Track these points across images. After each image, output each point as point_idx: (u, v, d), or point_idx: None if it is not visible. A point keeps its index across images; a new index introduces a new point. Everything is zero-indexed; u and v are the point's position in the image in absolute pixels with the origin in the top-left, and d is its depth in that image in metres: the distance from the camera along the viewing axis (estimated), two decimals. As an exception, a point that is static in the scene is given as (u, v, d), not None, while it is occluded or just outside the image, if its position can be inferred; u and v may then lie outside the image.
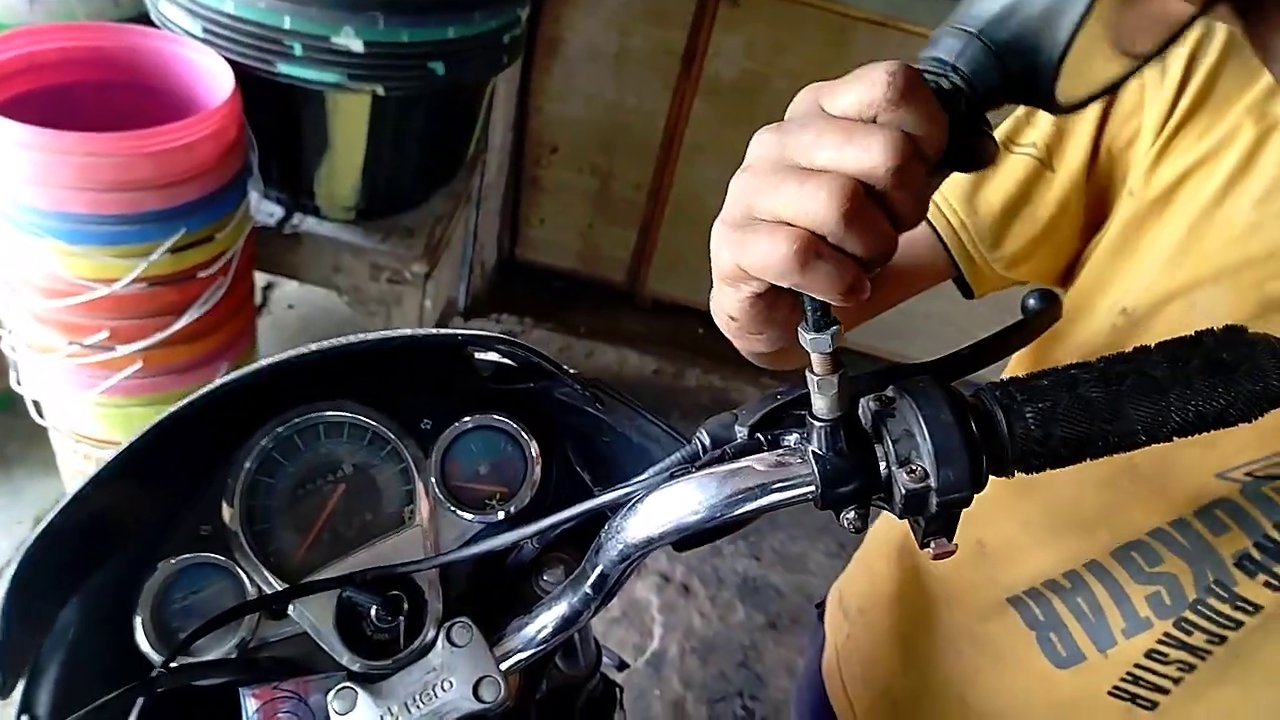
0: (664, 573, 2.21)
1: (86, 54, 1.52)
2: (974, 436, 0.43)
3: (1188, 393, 0.44)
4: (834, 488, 0.44)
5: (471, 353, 0.66)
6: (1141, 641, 0.72)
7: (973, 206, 0.76)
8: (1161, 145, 0.70)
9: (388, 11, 1.47)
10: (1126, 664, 0.73)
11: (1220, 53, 0.69)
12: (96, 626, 0.60)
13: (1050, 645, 0.77)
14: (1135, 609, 0.72)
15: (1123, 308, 0.71)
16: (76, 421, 1.66)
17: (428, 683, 0.56)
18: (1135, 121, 0.72)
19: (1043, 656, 0.77)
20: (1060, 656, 0.76)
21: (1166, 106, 0.70)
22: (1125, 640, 0.72)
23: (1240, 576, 0.66)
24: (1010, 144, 0.76)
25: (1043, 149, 0.74)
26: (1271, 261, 0.65)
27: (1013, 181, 0.75)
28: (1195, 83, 0.69)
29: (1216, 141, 0.68)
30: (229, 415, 0.61)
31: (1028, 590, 0.78)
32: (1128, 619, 0.72)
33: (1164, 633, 0.70)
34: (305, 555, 0.62)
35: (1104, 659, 0.74)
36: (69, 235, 1.33)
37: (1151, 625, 0.71)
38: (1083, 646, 0.75)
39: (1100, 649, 0.74)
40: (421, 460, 0.64)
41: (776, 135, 0.43)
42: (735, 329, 0.51)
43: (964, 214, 0.76)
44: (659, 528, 0.46)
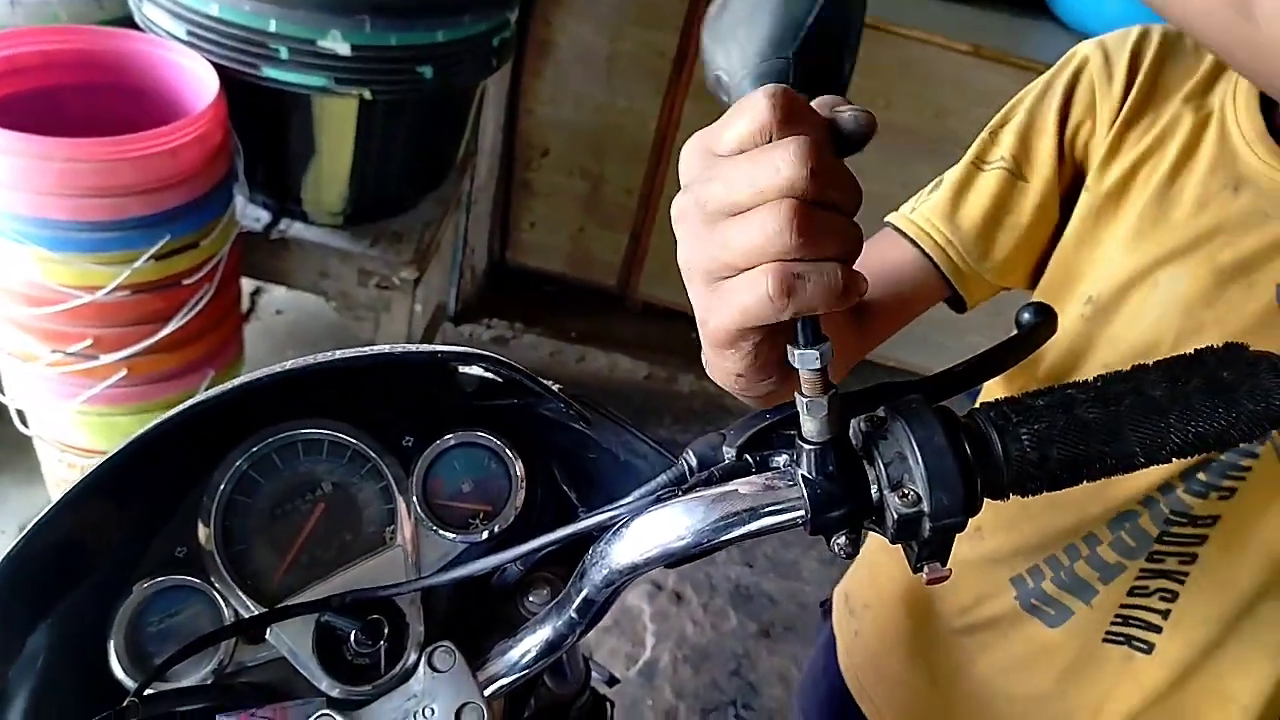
0: (656, 581, 2.20)
1: (69, 57, 1.50)
2: (968, 459, 0.42)
3: (1188, 413, 0.43)
4: (824, 513, 0.43)
5: (454, 368, 0.65)
6: (1120, 583, 0.77)
7: (955, 224, 0.79)
8: (1112, 141, 0.76)
9: (375, 14, 1.46)
10: (1112, 608, 0.78)
11: (1158, 49, 0.76)
12: (68, 652, 0.58)
13: (1040, 611, 0.82)
14: (1104, 560, 0.77)
15: (1089, 297, 0.76)
16: (61, 430, 1.64)
17: (409, 710, 0.55)
18: (1090, 121, 0.77)
19: (1037, 622, 0.82)
20: (1050, 616, 0.81)
21: (1116, 104, 0.76)
22: (1104, 587, 0.78)
23: (1193, 500, 0.72)
24: (981, 164, 0.80)
25: (1011, 161, 0.79)
26: (1219, 234, 0.71)
27: (989, 196, 0.79)
28: (1140, 80, 0.75)
29: (1160, 132, 0.74)
30: (204, 434, 0.59)
31: (1029, 568, 0.82)
32: (1099, 569, 0.78)
33: (1140, 569, 0.76)
34: (283, 577, 0.60)
35: (1089, 609, 0.79)
36: (51, 242, 1.32)
37: (1124, 569, 0.76)
38: (1069, 604, 0.80)
39: (1085, 601, 0.79)
40: (403, 479, 0.62)
41: (691, 196, 0.43)
42: (744, 384, 0.49)
43: (948, 231, 0.79)
44: (644, 554, 0.45)
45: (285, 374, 0.53)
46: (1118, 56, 0.77)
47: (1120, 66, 0.76)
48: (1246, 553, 0.72)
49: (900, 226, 0.81)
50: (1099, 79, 0.77)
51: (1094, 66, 0.77)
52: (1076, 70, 0.78)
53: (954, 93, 2.36)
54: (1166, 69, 0.76)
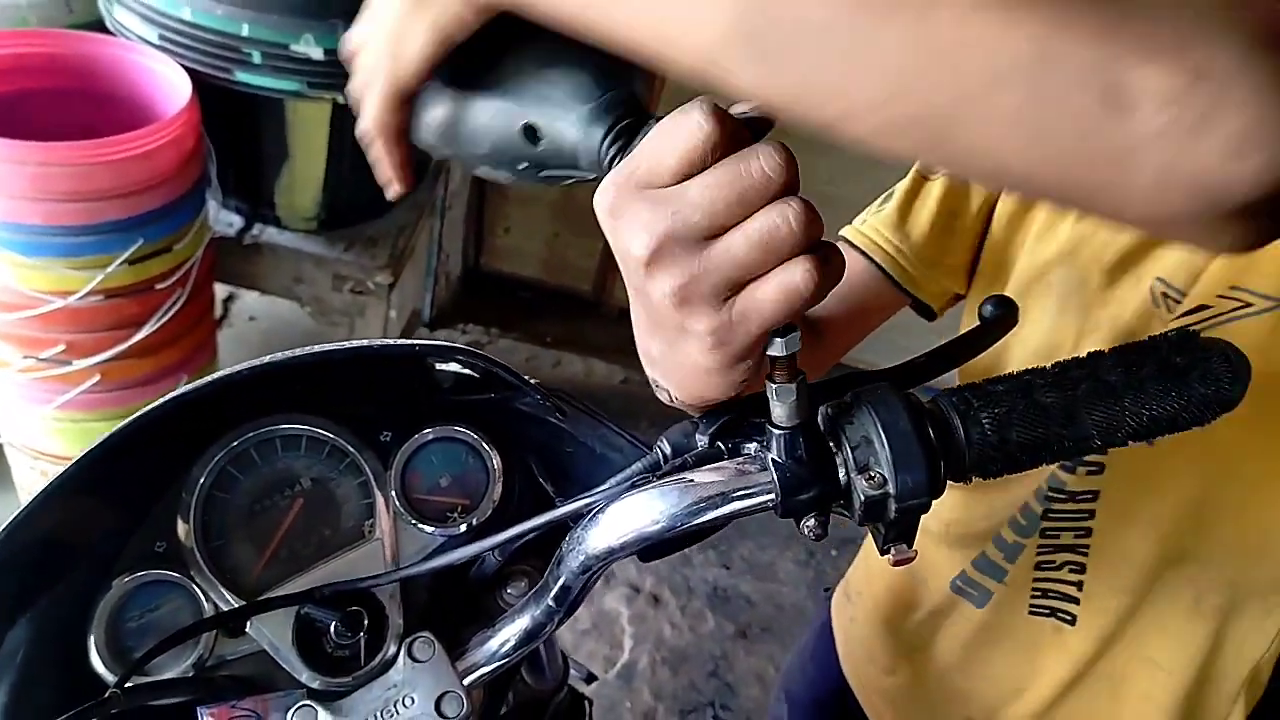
0: (633, 583, 2.21)
1: (39, 61, 1.50)
2: (931, 443, 0.43)
3: (1141, 397, 0.44)
4: (794, 495, 0.44)
5: (432, 364, 0.66)
6: (1025, 560, 0.81)
7: (904, 233, 0.82)
8: None
9: (348, 19, 1.44)
10: (1026, 584, 0.82)
11: None
12: (48, 647, 0.58)
13: (966, 593, 0.87)
14: (1005, 539, 0.81)
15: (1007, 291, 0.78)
16: (32, 437, 1.63)
17: (389, 699, 0.56)
18: None
19: (966, 604, 0.87)
20: (974, 597, 0.86)
21: None
22: (1011, 565, 0.82)
23: (1066, 477, 0.75)
24: (926, 171, 0.82)
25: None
26: (1100, 233, 0.72)
27: (936, 201, 0.81)
28: None
29: None
30: (182, 429, 0.60)
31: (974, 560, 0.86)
32: (1003, 549, 0.82)
33: (1037, 545, 0.79)
34: (263, 571, 0.61)
35: (1005, 587, 0.83)
36: (24, 247, 1.31)
37: (1023, 547, 0.80)
38: (988, 585, 0.85)
39: (998, 580, 0.84)
40: (381, 473, 0.63)
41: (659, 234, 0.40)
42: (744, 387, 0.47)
43: (898, 241, 0.82)
44: (620, 538, 0.46)
45: (265, 367, 0.54)
46: None
47: None
48: (1137, 524, 0.74)
49: (852, 239, 0.83)
50: None
51: None
52: None
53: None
54: None
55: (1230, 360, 0.45)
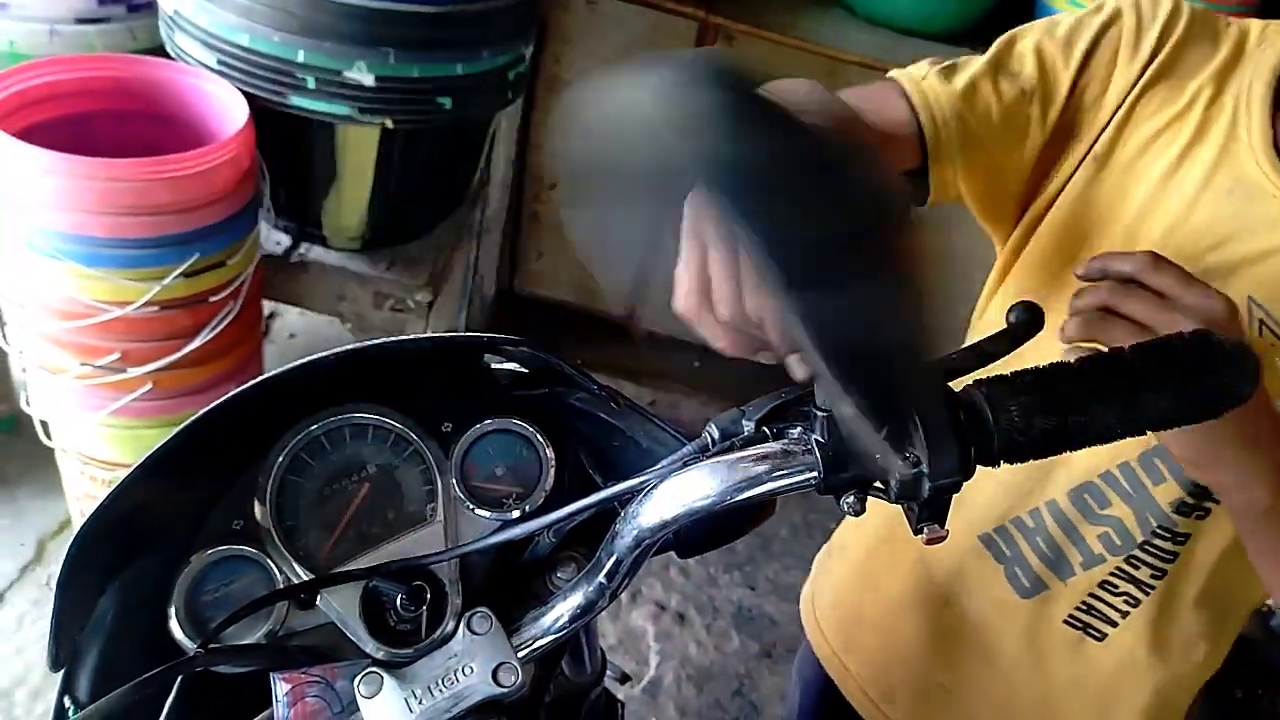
0: (660, 601, 2.23)
1: (104, 84, 1.57)
2: (963, 427, 0.47)
3: (1159, 391, 0.48)
4: (835, 473, 0.48)
5: (489, 363, 0.70)
6: (1097, 573, 0.82)
7: (959, 114, 0.78)
8: (1125, 111, 0.76)
9: (399, 47, 1.52)
10: (1082, 593, 0.83)
11: (1186, 28, 0.76)
12: (133, 616, 0.63)
13: (1016, 578, 0.86)
14: (1090, 546, 0.82)
15: (1076, 257, 0.76)
16: (84, 443, 1.69)
17: (449, 668, 0.59)
18: (1103, 83, 0.77)
19: (1009, 588, 0.87)
20: (1025, 587, 0.86)
21: (1135, 75, 0.76)
22: (1083, 571, 0.82)
23: (1179, 519, 0.77)
24: (999, 70, 0.78)
25: (1028, 85, 0.78)
26: (1210, 233, 0.73)
27: (998, 101, 0.78)
28: (1164, 56, 0.75)
29: (1174, 113, 0.75)
30: (260, 416, 0.64)
31: (996, 528, 0.86)
32: (1084, 554, 0.82)
33: (1115, 567, 0.81)
34: (331, 550, 0.65)
35: (1065, 587, 0.84)
36: (88, 258, 1.37)
37: (1105, 560, 0.81)
38: (1045, 578, 0.85)
39: (1061, 578, 0.84)
40: (442, 461, 0.67)
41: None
42: None
43: (949, 114, 0.78)
44: (672, 511, 0.50)
45: (347, 353, 0.58)
46: (1149, 26, 0.76)
47: (1149, 38, 0.76)
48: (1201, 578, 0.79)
49: (908, 90, 0.79)
50: (1126, 44, 0.77)
51: (1125, 28, 0.77)
52: (1105, 23, 0.78)
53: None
54: (1190, 49, 0.76)
55: (1242, 357, 0.49)
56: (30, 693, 1.75)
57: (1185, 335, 0.50)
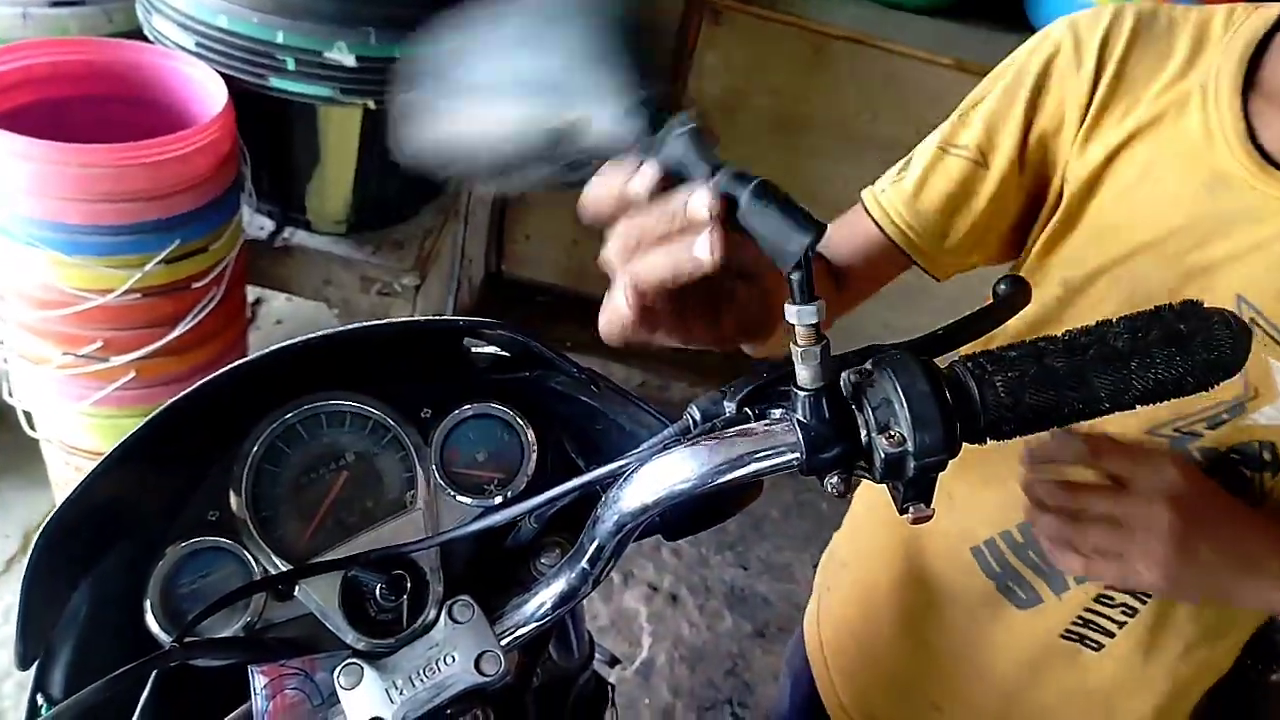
0: (652, 582, 2.23)
1: (80, 68, 1.54)
2: (948, 403, 0.46)
3: (1147, 361, 0.47)
4: (818, 454, 0.47)
5: (468, 346, 0.69)
6: (1092, 586, 0.80)
7: (916, 210, 0.83)
8: (1087, 129, 0.76)
9: (380, 27, 1.50)
10: (1078, 607, 0.82)
11: (1129, 35, 0.75)
12: (107, 609, 0.61)
13: (1011, 592, 0.85)
14: None
15: (1062, 278, 0.78)
16: (68, 433, 1.67)
17: (431, 658, 0.58)
18: (1060, 111, 0.78)
19: (1005, 601, 0.86)
20: (1020, 599, 0.85)
21: (1086, 93, 0.76)
22: (1077, 585, 0.81)
23: None
24: (947, 148, 0.82)
25: (975, 150, 0.81)
26: (1192, 232, 0.71)
27: (949, 182, 0.82)
28: (1110, 68, 0.75)
29: (1137, 122, 0.74)
30: (234, 404, 0.63)
31: (986, 541, 0.86)
32: None
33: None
34: (309, 540, 0.64)
35: (1058, 601, 0.83)
36: (65, 246, 1.35)
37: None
38: (1040, 591, 0.83)
39: (1055, 592, 0.83)
40: (422, 447, 0.66)
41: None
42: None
43: (909, 216, 0.83)
44: (653, 495, 0.49)
45: (320, 339, 0.57)
46: (1087, 44, 0.76)
47: (1089, 56, 0.76)
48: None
49: (869, 208, 0.86)
50: (1067, 69, 0.77)
51: (1063, 55, 0.78)
52: (1047, 59, 0.78)
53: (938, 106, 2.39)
54: (1137, 54, 0.75)
55: (1232, 327, 0.48)
56: (18, 685, 1.74)
57: (1174, 307, 0.49)
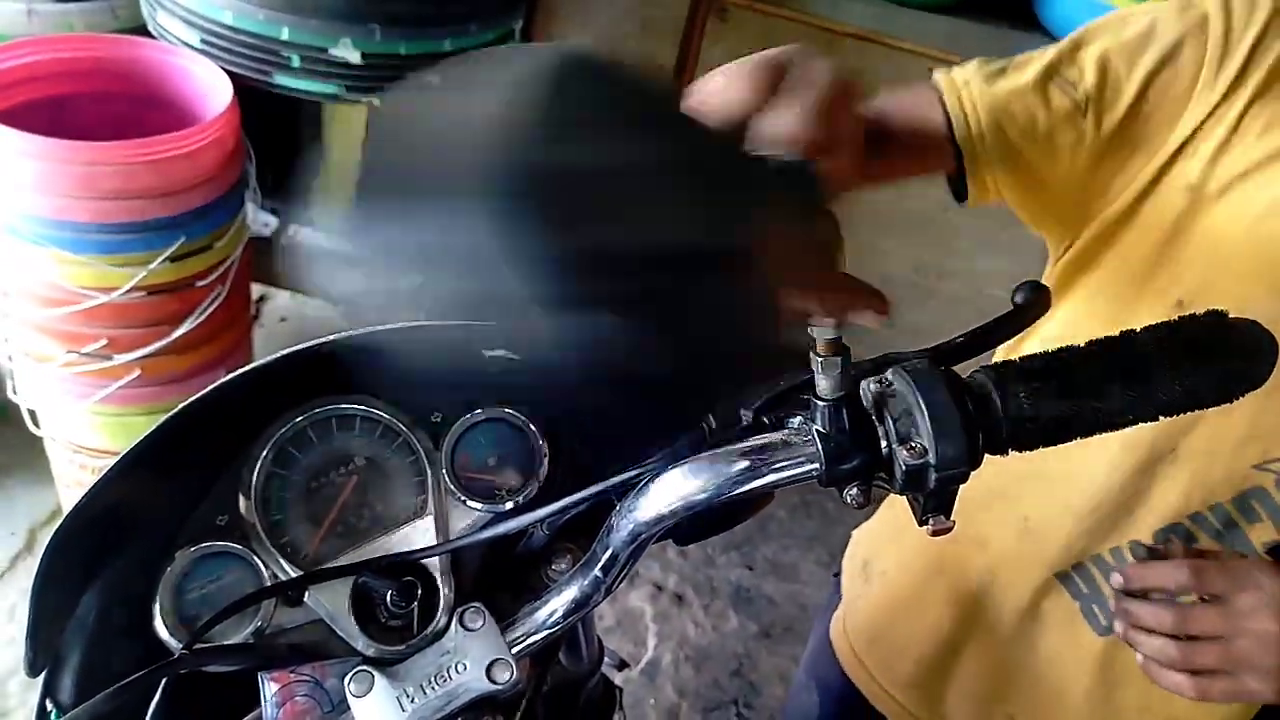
0: (657, 582, 2.23)
1: (85, 65, 1.54)
2: (970, 415, 0.45)
3: (1171, 373, 0.46)
4: (837, 464, 0.46)
5: (479, 350, 0.68)
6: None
7: (997, 123, 0.73)
8: (1222, 138, 0.68)
9: (385, 24, 1.50)
10: None
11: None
12: (116, 615, 0.61)
13: (1093, 615, 0.83)
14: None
15: (1178, 299, 0.71)
16: (73, 431, 1.67)
17: (442, 665, 0.58)
18: (1182, 99, 0.70)
19: (1085, 624, 0.83)
20: (1100, 625, 0.82)
21: (1223, 91, 0.68)
22: None
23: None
24: (1054, 75, 0.73)
25: (1083, 97, 0.71)
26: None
27: (1043, 109, 0.72)
28: (1258, 74, 0.67)
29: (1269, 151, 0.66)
30: (243, 408, 0.62)
31: (1075, 565, 0.83)
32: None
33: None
34: (320, 545, 0.63)
35: None
36: (70, 244, 1.35)
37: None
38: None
39: None
40: (432, 452, 0.65)
41: None
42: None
43: (986, 121, 0.73)
44: (669, 505, 0.48)
45: (329, 344, 0.56)
46: (1240, 34, 0.67)
47: (1240, 49, 0.67)
48: None
49: (945, 94, 0.74)
50: (1211, 55, 0.68)
51: (1212, 36, 0.68)
52: (1185, 30, 0.69)
53: (947, 103, 2.40)
54: None
55: (1257, 338, 0.47)
56: (23, 683, 1.73)
57: (1198, 316, 0.48)
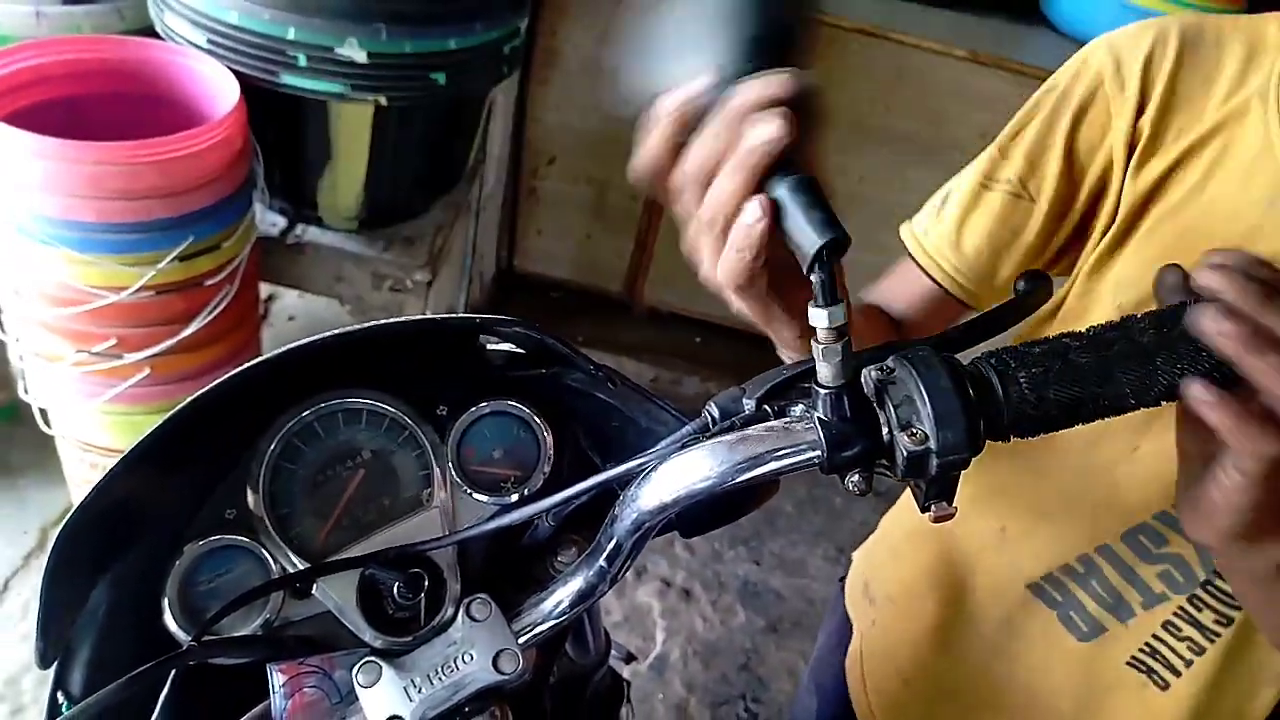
0: (665, 578, 2.23)
1: (93, 66, 1.54)
2: (971, 400, 0.45)
3: (1173, 356, 0.46)
4: (839, 451, 0.46)
5: (484, 344, 0.69)
6: (1159, 613, 0.77)
7: (961, 252, 0.81)
8: (1140, 153, 0.73)
9: (390, 23, 1.50)
10: (1144, 634, 0.78)
11: (1176, 55, 0.72)
12: (126, 608, 0.61)
13: (1072, 622, 0.82)
14: (1149, 585, 0.77)
15: (1118, 304, 0.74)
16: (83, 430, 1.68)
17: (449, 655, 0.58)
18: (1105, 136, 0.75)
19: (1066, 632, 0.82)
20: (1082, 631, 0.81)
21: (1132, 116, 0.73)
22: (1144, 612, 0.77)
23: None
24: (988, 182, 0.79)
25: (1017, 184, 0.78)
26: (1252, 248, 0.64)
27: (992, 219, 0.79)
28: (1158, 89, 0.72)
29: (1191, 139, 0.71)
30: (251, 402, 0.63)
31: (1045, 576, 0.82)
32: (1143, 594, 0.77)
33: (1179, 606, 0.76)
34: (327, 538, 0.64)
35: (1125, 628, 0.79)
36: (79, 243, 1.36)
37: (1168, 599, 0.76)
38: (1102, 620, 0.80)
39: (1121, 620, 0.79)
40: (438, 445, 0.66)
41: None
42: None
43: (955, 260, 0.81)
44: (672, 494, 0.49)
45: (338, 337, 0.57)
46: (1129, 66, 0.73)
47: (1132, 79, 0.73)
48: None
49: (913, 253, 0.84)
50: (1111, 93, 0.74)
51: (1105, 80, 0.74)
52: (1088, 86, 0.75)
53: (952, 98, 2.40)
54: (1186, 71, 0.71)
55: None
56: (37, 680, 1.75)
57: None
